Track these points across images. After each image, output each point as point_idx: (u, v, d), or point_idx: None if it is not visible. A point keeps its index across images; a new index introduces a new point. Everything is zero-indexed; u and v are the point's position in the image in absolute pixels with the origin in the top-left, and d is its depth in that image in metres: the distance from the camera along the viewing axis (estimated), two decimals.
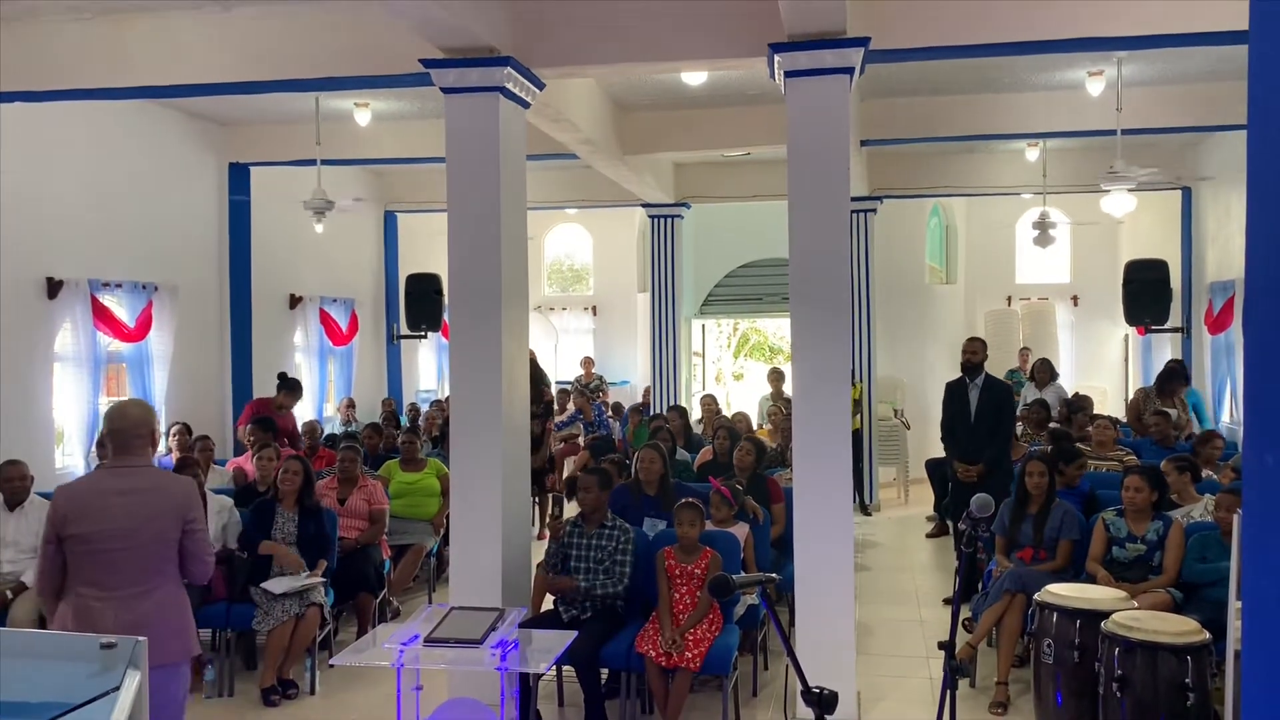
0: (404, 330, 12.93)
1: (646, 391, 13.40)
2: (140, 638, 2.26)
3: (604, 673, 5.32)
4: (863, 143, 9.36)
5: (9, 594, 5.85)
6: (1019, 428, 9.08)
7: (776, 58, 5.42)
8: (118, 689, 2.15)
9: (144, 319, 8.67)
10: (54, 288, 7.84)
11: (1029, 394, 10.52)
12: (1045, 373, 10.69)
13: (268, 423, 8.22)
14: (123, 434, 3.71)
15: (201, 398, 9.66)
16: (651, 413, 11.18)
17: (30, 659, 2.44)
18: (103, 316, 8.22)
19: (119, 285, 8.45)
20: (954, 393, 7.70)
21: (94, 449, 7.81)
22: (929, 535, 10.02)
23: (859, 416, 10.97)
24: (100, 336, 8.23)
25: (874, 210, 11.45)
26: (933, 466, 10.08)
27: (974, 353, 7.62)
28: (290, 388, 9.22)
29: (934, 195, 12.51)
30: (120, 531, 3.61)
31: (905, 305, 12.77)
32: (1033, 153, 10.91)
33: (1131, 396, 10.16)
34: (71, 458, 8.17)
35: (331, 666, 6.08)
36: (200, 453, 7.60)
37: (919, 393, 12.53)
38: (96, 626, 3.49)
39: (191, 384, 9.47)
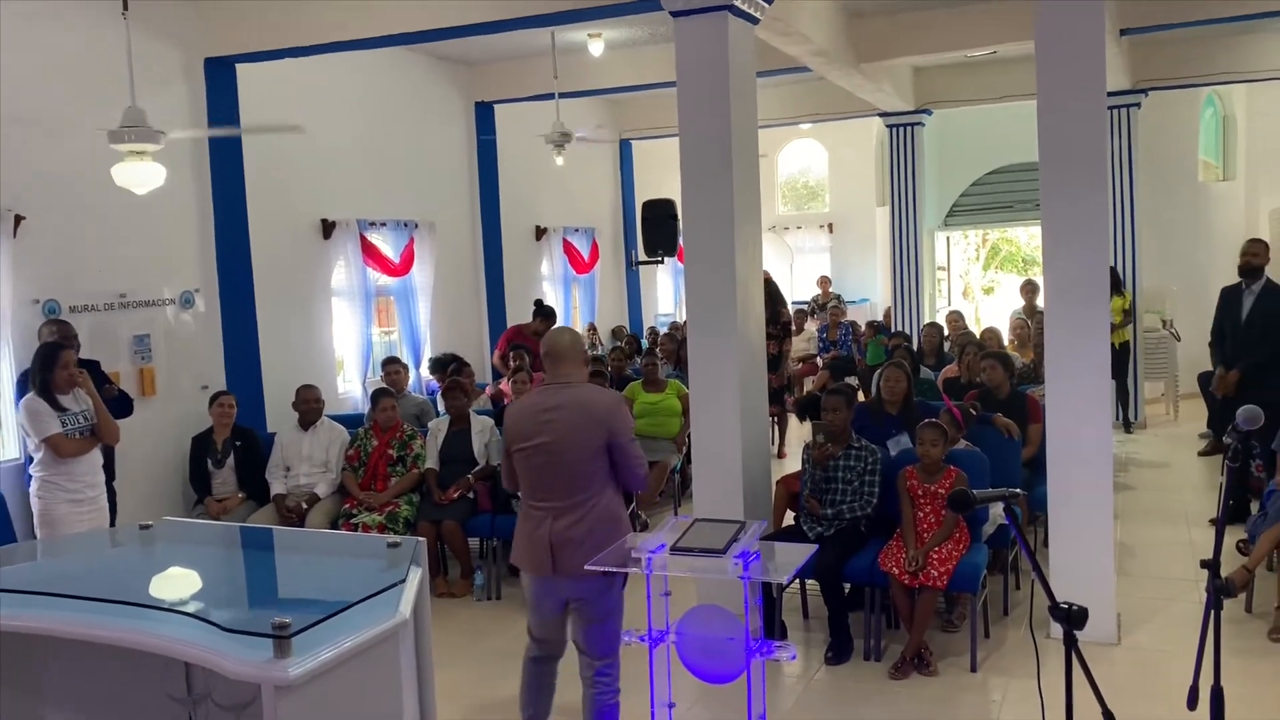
0: (641, 256, 13.23)
1: (888, 312, 13.11)
2: (420, 539, 2.52)
3: (846, 588, 5.37)
4: (1122, 31, 8.60)
5: (304, 505, 6.56)
6: None
7: None
8: (403, 582, 2.43)
9: (407, 254, 9.34)
10: (328, 228, 8.58)
11: None
12: None
13: (520, 349, 8.75)
14: (557, 359, 4.00)
15: (461, 326, 10.33)
16: (891, 330, 10.95)
17: (333, 555, 2.79)
18: (371, 253, 8.93)
19: (384, 224, 9.12)
20: (1228, 298, 7.14)
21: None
22: (1201, 453, 9.32)
23: (1128, 328, 10.30)
24: (369, 272, 8.96)
25: (1137, 105, 10.57)
26: (1205, 380, 9.32)
27: (1255, 255, 7.00)
28: (545, 314, 9.68)
29: (1208, 84, 11.36)
30: (546, 446, 3.89)
31: (1175, 206, 11.73)
32: None
33: None
34: (351, 384, 9.00)
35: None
36: (465, 377, 8.15)
37: (1191, 302, 11.53)
38: (535, 531, 3.91)
39: (451, 314, 10.14)
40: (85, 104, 6.35)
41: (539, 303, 9.90)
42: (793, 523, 5.76)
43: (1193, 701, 3.05)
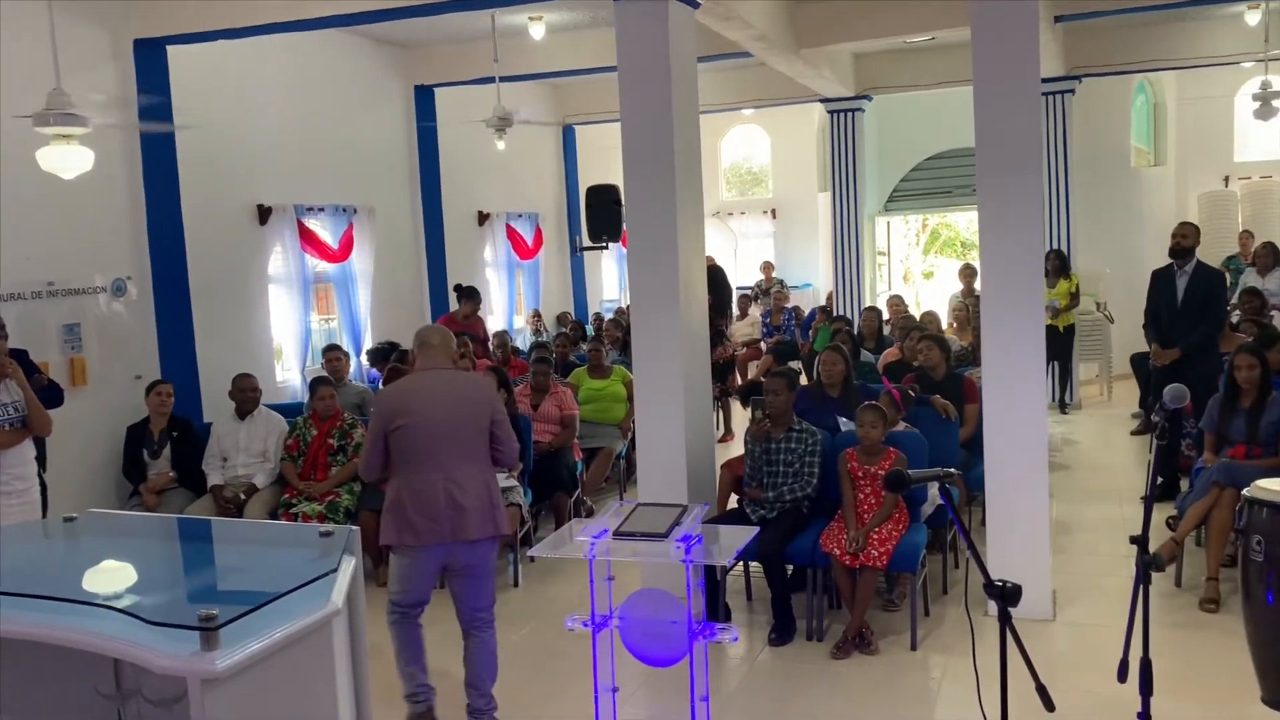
0: (586, 242, 13.18)
1: (830, 296, 13.22)
2: (354, 527, 2.49)
3: (789, 569, 5.41)
4: (1056, 19, 8.74)
5: (242, 495, 6.45)
6: (1235, 317, 8.48)
7: None
8: (336, 570, 2.40)
9: (346, 240, 9.20)
10: (264, 214, 8.42)
11: (1249, 280, 9.73)
12: (1268, 257, 9.82)
13: (460, 336, 8.63)
14: (430, 348, 4.36)
15: (402, 313, 10.20)
16: (833, 315, 11.05)
17: (264, 545, 2.75)
18: (309, 239, 8.78)
19: (321, 209, 8.97)
20: (1160, 280, 7.32)
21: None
22: (1134, 433, 9.54)
23: (1074, 310, 10.49)
24: (308, 258, 8.81)
25: (1071, 91, 10.75)
26: (1138, 361, 9.54)
27: (1184, 236, 7.18)
28: (469, 295, 9.49)
29: (1139, 70, 11.56)
30: (439, 420, 4.17)
31: (1109, 191, 11.96)
32: (1253, 16, 9.88)
33: None
34: (290, 372, 8.86)
35: (532, 560, 6.45)
36: (408, 364, 8.05)
37: (1124, 284, 11.78)
38: (433, 502, 4.10)
39: (392, 301, 10.01)
40: (9, 86, 6.15)
41: (459, 286, 9.71)
42: (737, 505, 5.79)
43: (1122, 674, 3.13)
